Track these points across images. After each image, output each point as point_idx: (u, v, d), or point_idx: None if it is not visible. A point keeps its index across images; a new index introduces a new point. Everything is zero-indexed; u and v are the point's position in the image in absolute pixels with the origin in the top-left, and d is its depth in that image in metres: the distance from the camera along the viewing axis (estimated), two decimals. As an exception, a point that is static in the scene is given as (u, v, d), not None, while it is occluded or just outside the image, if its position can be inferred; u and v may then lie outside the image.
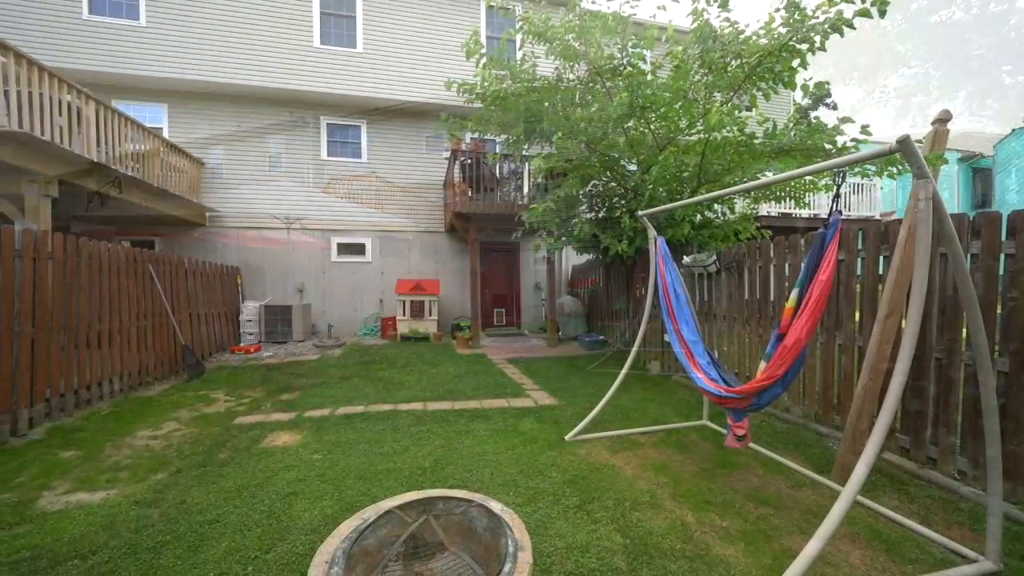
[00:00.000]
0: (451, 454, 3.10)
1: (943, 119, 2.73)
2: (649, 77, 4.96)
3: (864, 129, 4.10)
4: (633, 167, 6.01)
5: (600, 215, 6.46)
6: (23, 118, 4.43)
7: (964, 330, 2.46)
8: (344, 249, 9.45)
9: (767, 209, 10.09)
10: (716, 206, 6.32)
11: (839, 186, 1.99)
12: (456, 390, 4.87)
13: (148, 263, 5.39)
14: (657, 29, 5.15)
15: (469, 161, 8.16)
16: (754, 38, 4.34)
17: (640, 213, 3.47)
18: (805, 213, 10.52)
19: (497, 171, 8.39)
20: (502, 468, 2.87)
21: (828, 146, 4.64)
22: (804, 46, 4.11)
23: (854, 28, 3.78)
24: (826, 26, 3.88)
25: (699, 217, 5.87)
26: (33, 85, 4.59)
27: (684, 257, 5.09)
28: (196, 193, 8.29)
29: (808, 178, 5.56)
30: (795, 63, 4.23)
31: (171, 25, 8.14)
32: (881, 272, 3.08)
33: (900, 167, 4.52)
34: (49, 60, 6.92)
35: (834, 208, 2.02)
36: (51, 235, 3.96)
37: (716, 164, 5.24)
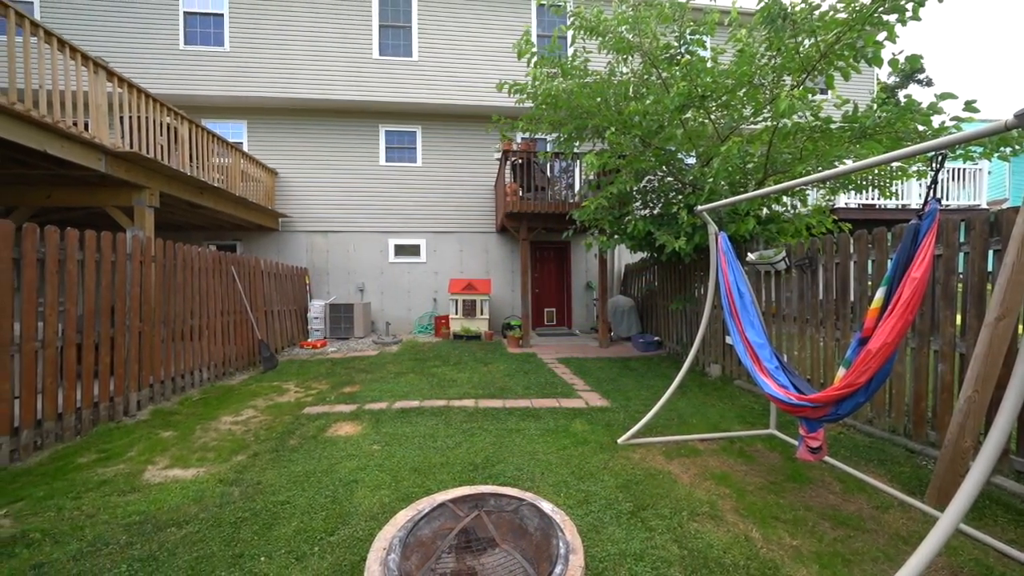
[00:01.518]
0: (502, 452, 3.12)
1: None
2: (709, 64, 4.68)
3: (969, 105, 3.59)
4: (691, 160, 5.72)
5: (655, 211, 6.22)
6: (132, 139, 5.09)
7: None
8: (400, 250, 9.87)
9: (845, 200, 9.19)
10: (785, 198, 5.85)
11: (936, 171, 1.76)
12: (507, 388, 4.90)
13: (231, 265, 5.96)
14: (718, 13, 4.86)
15: (520, 161, 8.19)
16: (831, 12, 3.96)
17: (699, 208, 3.29)
18: (892, 204, 9.45)
19: (548, 170, 8.35)
20: (552, 469, 2.84)
21: (922, 127, 4.12)
22: (892, 17, 3.68)
23: (955, -9, 3.32)
24: (919, -9, 3.45)
25: (765, 211, 5.46)
26: (140, 110, 5.24)
27: (749, 254, 4.76)
28: (271, 200, 9.06)
29: (896, 164, 4.99)
30: (881, 37, 3.80)
31: (250, 49, 8.96)
32: (991, 269, 2.68)
33: (1016, 147, 3.92)
34: (152, 87, 7.88)
35: (930, 196, 1.79)
36: (154, 240, 4.50)
37: (785, 153, 4.85)
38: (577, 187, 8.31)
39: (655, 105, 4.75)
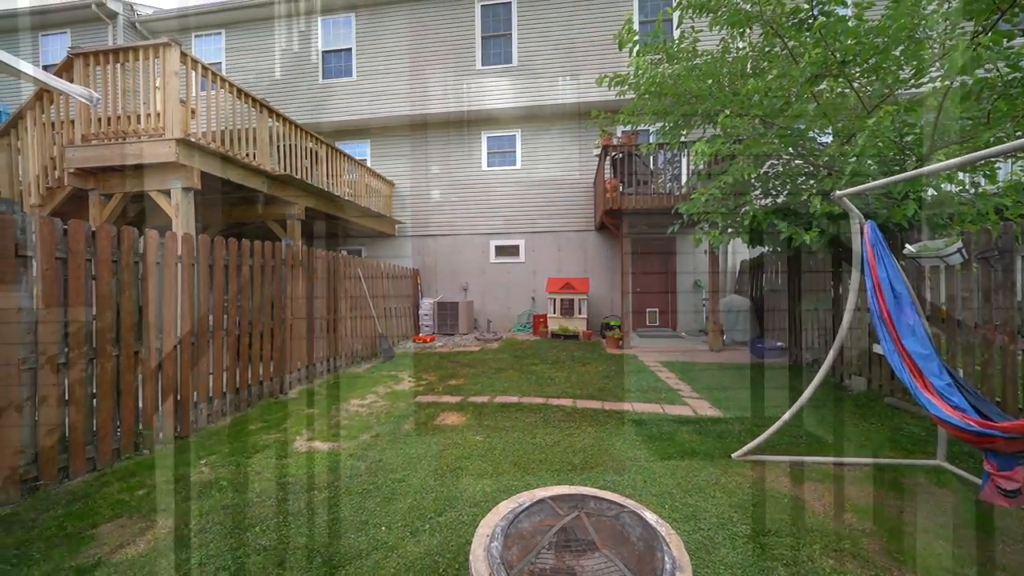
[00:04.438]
0: (600, 454, 3.06)
1: None
2: (852, 23, 3.97)
3: None
4: (826, 139, 4.92)
5: (778, 200, 5.48)
6: (285, 163, 6.12)
7: None
8: (500, 251, 10.26)
9: (1060, 172, 7.01)
10: (962, 175, 4.68)
11: None
12: (605, 390, 4.78)
13: (357, 267, 6.81)
14: (864, -40, 4.10)
15: (620, 156, 7.90)
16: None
17: (838, 193, 2.81)
18: None
19: (651, 162, 7.91)
20: (656, 478, 2.69)
21: None
22: None
23: None
24: None
25: (931, 192, 4.45)
26: (291, 138, 6.29)
27: (907, 246, 3.92)
28: (389, 209, 10.13)
29: None
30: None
31: (374, 76, 10.15)
32: None
33: None
34: (298, 118, 9.38)
35: None
36: (300, 248, 5.35)
37: (963, 118, 3.89)
38: (684, 179, 7.72)
39: (779, 79, 4.18)
